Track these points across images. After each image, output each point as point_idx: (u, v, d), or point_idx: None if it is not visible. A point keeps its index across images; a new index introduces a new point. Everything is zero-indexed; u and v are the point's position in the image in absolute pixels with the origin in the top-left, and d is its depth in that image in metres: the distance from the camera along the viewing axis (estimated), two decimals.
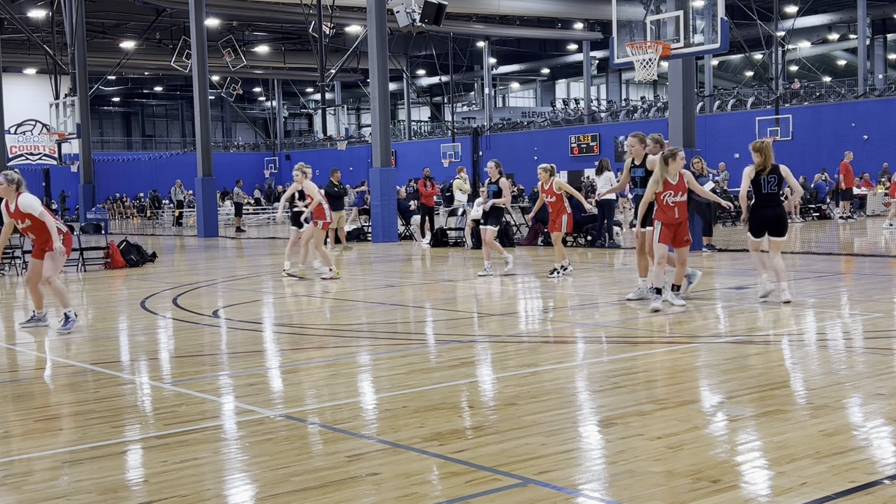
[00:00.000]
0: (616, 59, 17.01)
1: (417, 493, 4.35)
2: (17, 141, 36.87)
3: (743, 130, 40.61)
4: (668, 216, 10.23)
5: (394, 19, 22.17)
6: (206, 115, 29.84)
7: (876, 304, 10.35)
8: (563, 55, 63.02)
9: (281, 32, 54.37)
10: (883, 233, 22.04)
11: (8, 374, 7.86)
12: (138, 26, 45.63)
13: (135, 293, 13.61)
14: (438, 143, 53.66)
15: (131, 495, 4.46)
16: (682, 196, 10.26)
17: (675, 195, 10.22)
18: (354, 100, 74.53)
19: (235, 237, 29.55)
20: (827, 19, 51.33)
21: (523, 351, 8.22)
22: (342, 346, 8.87)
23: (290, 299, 12.54)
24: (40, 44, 34.63)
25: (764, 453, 4.87)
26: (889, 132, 37.67)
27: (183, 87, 65.37)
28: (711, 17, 15.78)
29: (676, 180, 10.24)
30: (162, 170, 58.69)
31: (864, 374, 6.75)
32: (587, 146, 48.92)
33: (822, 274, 13.82)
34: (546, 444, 5.10)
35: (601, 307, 10.98)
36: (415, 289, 13.03)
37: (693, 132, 18.58)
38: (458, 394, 6.50)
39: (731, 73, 62.32)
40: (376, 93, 23.50)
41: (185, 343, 9.26)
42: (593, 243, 20.01)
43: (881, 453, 4.85)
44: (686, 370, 7.15)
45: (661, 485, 4.36)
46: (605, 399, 6.16)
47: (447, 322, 9.93)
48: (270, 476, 4.67)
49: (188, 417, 5.96)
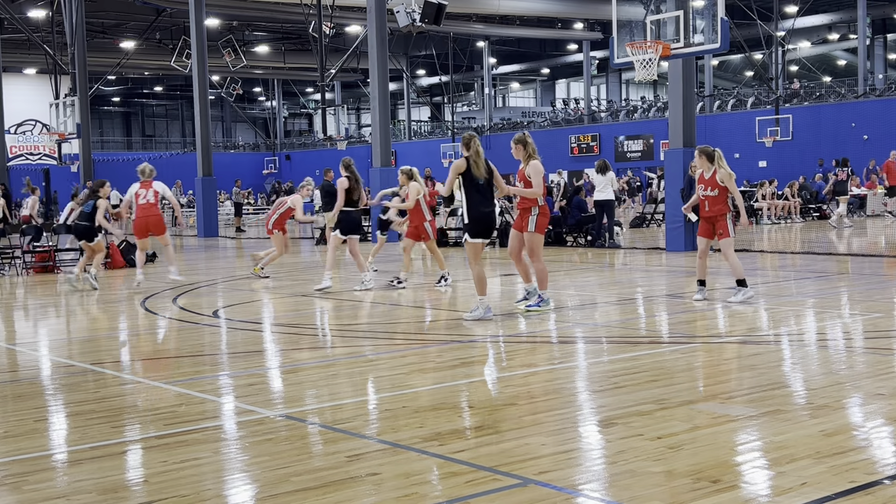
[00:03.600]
0: (616, 59, 17.01)
1: (417, 493, 4.35)
2: (17, 141, 36.88)
3: (743, 130, 40.61)
4: (700, 209, 10.77)
5: (394, 19, 22.16)
6: (206, 115, 29.84)
7: (876, 304, 10.35)
8: (563, 55, 63.02)
9: (281, 32, 54.37)
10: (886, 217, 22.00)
11: (8, 374, 7.86)
12: (138, 26, 45.63)
13: (135, 293, 13.61)
14: (438, 143, 53.67)
15: (131, 495, 4.46)
16: (713, 191, 10.56)
17: (705, 189, 10.62)
18: (354, 100, 74.53)
19: (235, 237, 29.55)
20: (827, 19, 51.31)
21: (523, 351, 8.22)
22: (342, 346, 8.87)
23: (289, 299, 12.54)
24: (40, 44, 34.62)
25: (764, 453, 4.87)
26: (889, 132, 37.65)
27: (183, 87, 65.35)
28: (711, 17, 15.78)
29: (709, 175, 10.60)
30: (162, 170, 58.47)
31: (864, 374, 6.74)
32: (587, 146, 48.91)
33: (822, 274, 13.82)
34: (546, 444, 5.10)
35: (601, 307, 10.98)
36: (415, 289, 13.03)
37: (693, 132, 18.58)
38: (458, 394, 6.50)
39: (731, 73, 62.32)
40: (376, 93, 23.50)
41: (185, 343, 9.26)
42: (593, 243, 20.01)
43: (881, 453, 4.85)
44: (686, 370, 7.15)
45: (661, 485, 4.36)
46: (605, 399, 6.16)
47: (447, 322, 9.92)
48: (270, 476, 4.67)
49: (188, 417, 5.95)
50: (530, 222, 10.14)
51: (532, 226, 10.13)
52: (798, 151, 38.29)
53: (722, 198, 10.56)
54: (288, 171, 61.42)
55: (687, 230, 18.02)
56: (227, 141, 70.65)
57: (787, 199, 28.48)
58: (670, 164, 18.98)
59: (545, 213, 10.25)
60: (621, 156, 47.55)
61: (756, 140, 38.39)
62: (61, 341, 9.70)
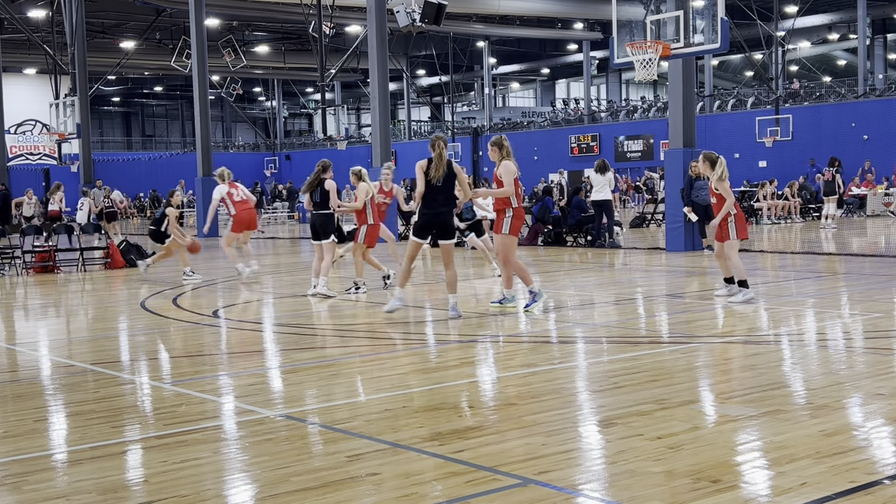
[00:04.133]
0: (616, 59, 17.01)
1: (417, 493, 4.35)
2: (17, 141, 36.89)
3: (743, 130, 40.60)
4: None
5: (394, 19, 22.17)
6: (206, 115, 29.84)
7: (876, 304, 10.35)
8: (563, 55, 63.02)
9: (281, 32, 54.37)
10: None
11: (8, 374, 7.86)
12: (138, 26, 45.63)
13: (135, 293, 13.61)
14: None
15: (131, 495, 4.46)
16: (713, 197, 10.89)
17: (710, 195, 11.02)
18: (354, 100, 74.53)
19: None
20: (827, 19, 51.31)
21: (523, 351, 8.22)
22: (342, 346, 8.87)
23: (289, 299, 12.53)
24: (40, 44, 34.62)
25: (764, 453, 4.87)
26: (889, 132, 37.65)
27: (183, 87, 65.35)
28: (711, 17, 15.78)
29: (713, 181, 10.84)
30: (162, 170, 58.60)
31: (864, 374, 6.75)
32: (587, 146, 48.91)
33: (821, 274, 13.82)
34: (546, 444, 5.10)
35: (601, 307, 10.98)
36: (415, 289, 13.02)
37: (693, 132, 18.59)
38: (458, 394, 6.50)
39: (731, 73, 62.32)
40: (376, 93, 23.50)
41: (185, 343, 9.26)
42: (593, 243, 20.01)
43: (881, 453, 4.85)
44: (686, 370, 7.14)
45: (661, 485, 4.36)
46: (605, 399, 6.16)
47: (447, 322, 9.92)
48: (270, 476, 4.67)
49: (188, 417, 5.95)
50: (504, 224, 10.22)
51: (506, 228, 10.21)
52: (798, 151, 38.26)
53: (721, 203, 10.62)
54: (288, 171, 61.41)
55: (687, 230, 18.03)
56: (227, 141, 70.64)
57: (787, 199, 28.48)
58: (670, 164, 18.98)
59: (519, 216, 10.30)
60: (621, 156, 47.54)
61: (756, 140, 38.39)
62: (61, 341, 9.70)
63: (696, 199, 17.34)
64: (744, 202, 29.03)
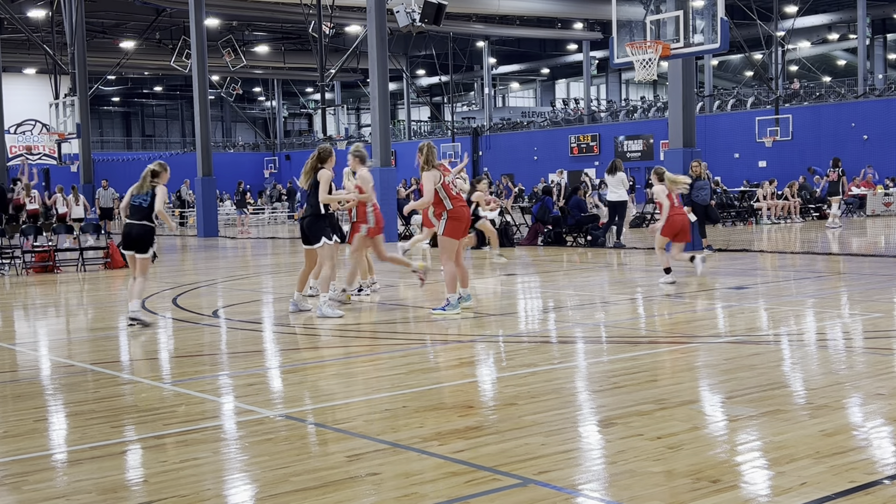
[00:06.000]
0: (616, 59, 17.02)
1: (417, 493, 4.35)
2: (17, 141, 36.82)
3: (743, 130, 40.61)
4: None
5: (394, 19, 22.16)
6: (206, 115, 29.84)
7: (876, 304, 10.35)
8: (563, 55, 62.99)
9: (281, 32, 54.35)
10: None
11: (8, 374, 7.86)
12: (138, 26, 45.63)
13: None
14: (438, 143, 53.60)
15: (131, 495, 4.46)
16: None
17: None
18: (354, 100, 74.52)
19: (235, 237, 29.54)
20: (827, 19, 51.29)
21: (523, 351, 8.22)
22: (342, 346, 8.87)
23: (289, 299, 12.51)
24: (40, 44, 34.62)
25: (764, 453, 4.87)
26: (889, 132, 37.66)
27: (183, 87, 65.35)
28: (711, 17, 15.78)
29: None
30: None
31: (864, 374, 6.75)
32: (587, 146, 48.91)
33: (821, 274, 13.82)
34: (546, 444, 5.10)
35: (601, 307, 10.98)
36: (415, 289, 13.01)
37: (693, 132, 18.58)
38: (458, 394, 6.50)
39: (731, 73, 62.30)
40: (376, 93, 23.50)
41: (185, 343, 9.26)
42: (594, 243, 20.01)
43: (881, 453, 4.85)
44: (686, 370, 7.15)
45: (661, 485, 4.36)
46: (605, 399, 6.16)
47: (447, 322, 9.91)
48: (270, 476, 4.67)
49: (188, 417, 5.95)
50: (440, 226, 10.40)
51: (441, 229, 10.38)
52: (798, 151, 38.26)
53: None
54: (288, 171, 61.38)
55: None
56: (226, 141, 70.64)
57: (787, 199, 28.48)
58: (670, 165, 18.95)
59: (454, 218, 10.33)
60: (621, 156, 47.50)
61: (756, 140, 38.39)
62: (61, 341, 9.70)
63: (695, 199, 17.33)
64: (744, 202, 29.06)
